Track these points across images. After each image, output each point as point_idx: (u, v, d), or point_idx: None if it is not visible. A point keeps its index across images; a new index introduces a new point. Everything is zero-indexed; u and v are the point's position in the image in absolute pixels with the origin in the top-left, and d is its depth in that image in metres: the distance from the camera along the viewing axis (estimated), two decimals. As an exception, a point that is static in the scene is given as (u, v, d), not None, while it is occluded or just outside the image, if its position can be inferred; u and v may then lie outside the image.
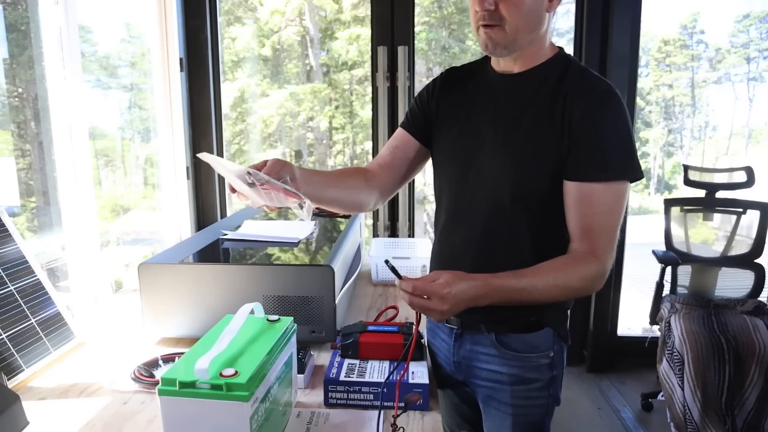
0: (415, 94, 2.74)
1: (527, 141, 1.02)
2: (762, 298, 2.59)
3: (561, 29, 3.29)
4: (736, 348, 2.25)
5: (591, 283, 0.99)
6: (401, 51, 2.63)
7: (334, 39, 4.30)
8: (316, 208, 1.01)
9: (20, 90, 2.04)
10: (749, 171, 2.56)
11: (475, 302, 0.94)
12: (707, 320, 2.39)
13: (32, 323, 1.20)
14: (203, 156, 0.97)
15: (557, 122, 0.99)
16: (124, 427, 0.96)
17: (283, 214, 1.96)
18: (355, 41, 4.17)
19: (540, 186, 1.02)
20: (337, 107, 4.38)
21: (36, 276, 1.27)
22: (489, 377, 1.15)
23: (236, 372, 0.78)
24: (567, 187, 1.01)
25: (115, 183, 2.80)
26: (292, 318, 1.01)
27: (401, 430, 0.92)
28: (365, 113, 4.30)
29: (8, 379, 1.08)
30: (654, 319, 2.58)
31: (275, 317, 1.00)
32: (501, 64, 1.09)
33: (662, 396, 2.42)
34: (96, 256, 1.73)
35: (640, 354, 2.88)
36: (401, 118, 2.67)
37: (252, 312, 0.97)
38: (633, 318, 3.10)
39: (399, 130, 1.24)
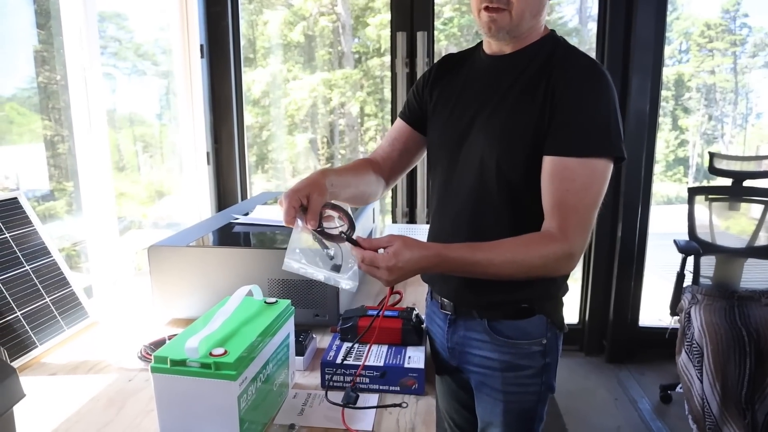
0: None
1: (510, 117, 1.02)
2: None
3: (596, 14, 3.21)
4: (758, 341, 2.19)
5: (554, 263, 0.97)
6: (420, 36, 2.60)
7: (366, 26, 4.30)
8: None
9: (51, 76, 2.10)
10: (777, 159, 2.48)
11: (425, 271, 0.95)
12: (729, 312, 2.33)
13: (47, 302, 1.25)
14: (289, 268, 0.94)
15: (540, 97, 0.98)
16: (127, 402, 0.99)
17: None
18: (386, 27, 4.16)
19: (523, 162, 1.01)
20: (369, 93, 4.38)
21: (52, 257, 1.31)
22: (481, 363, 1.15)
23: (226, 351, 0.80)
24: (544, 162, 0.98)
25: (152, 168, 2.86)
26: (289, 301, 1.03)
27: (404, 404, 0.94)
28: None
29: (22, 355, 1.13)
30: (674, 309, 2.53)
31: (273, 300, 1.02)
32: (493, 46, 1.08)
33: (681, 388, 2.38)
34: (115, 238, 1.78)
35: (661, 345, 2.83)
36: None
37: (250, 294, 0.99)
38: (660, 308, 3.04)
39: (397, 121, 1.24)
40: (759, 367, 2.19)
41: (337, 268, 0.97)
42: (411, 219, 2.80)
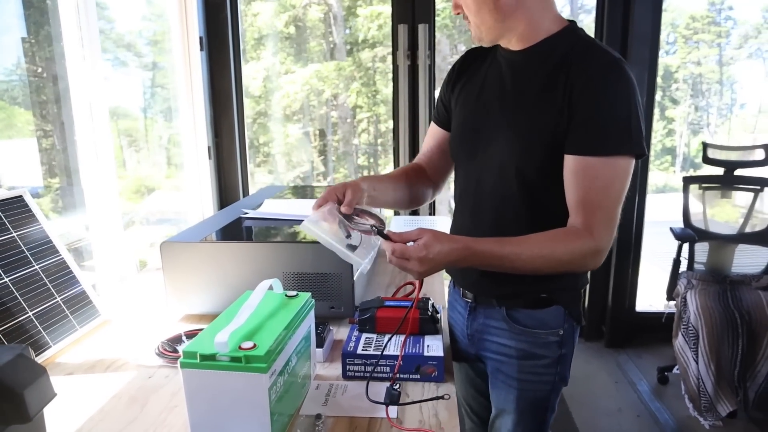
0: (436, 72, 2.73)
1: (529, 115, 1.02)
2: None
3: (588, 5, 3.24)
4: (749, 323, 2.25)
5: (581, 258, 0.98)
6: (422, 29, 2.60)
7: (356, 16, 4.26)
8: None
9: (40, 69, 2.07)
10: (767, 149, 2.54)
11: (454, 264, 0.97)
12: (722, 296, 2.39)
13: (58, 301, 1.24)
14: (305, 228, 0.98)
15: (559, 95, 0.98)
16: (149, 399, 1.00)
17: (299, 193, 1.98)
18: (376, 19, 4.13)
19: (542, 161, 1.01)
20: (362, 85, 4.36)
21: (60, 255, 1.30)
22: (498, 350, 1.17)
23: (255, 345, 0.80)
24: (566, 161, 0.99)
25: (139, 163, 2.83)
26: (309, 294, 1.03)
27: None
28: (388, 91, 4.29)
29: (36, 355, 1.12)
30: (671, 294, 2.58)
31: (293, 293, 1.03)
32: (504, 44, 1.08)
33: (677, 369, 2.43)
34: (119, 235, 1.77)
35: (658, 329, 2.89)
36: (422, 96, 2.69)
37: (271, 288, 1.00)
38: (653, 294, 3.10)
39: (431, 124, 1.29)
40: (750, 348, 2.26)
41: (352, 248, 0.99)
42: (414, 211, 2.81)
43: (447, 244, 0.93)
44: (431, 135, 1.28)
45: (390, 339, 1.10)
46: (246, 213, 1.58)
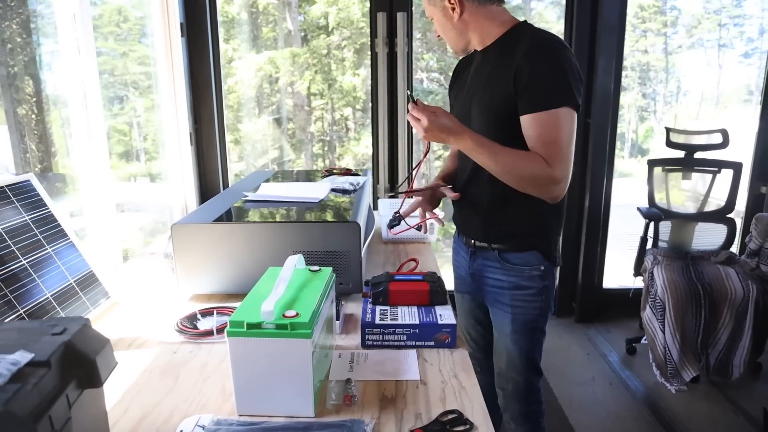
0: (413, 59, 2.78)
1: (490, 95, 1.30)
2: (733, 249, 2.78)
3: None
4: (711, 294, 2.43)
5: (541, 180, 1.22)
6: (400, 17, 2.65)
7: (312, 3, 4.23)
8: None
9: (12, 58, 2.02)
10: (724, 133, 2.72)
11: (454, 134, 1.22)
12: (686, 270, 2.56)
13: (71, 283, 1.25)
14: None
15: (509, 75, 1.24)
16: (180, 372, 1.04)
17: (288, 177, 2.01)
18: (333, 4, 4.11)
19: (505, 127, 1.27)
20: (316, 72, 4.34)
21: (69, 239, 1.31)
22: (494, 284, 1.46)
23: (297, 313, 0.86)
24: (521, 121, 1.25)
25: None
26: (331, 268, 1.09)
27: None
28: (344, 79, 4.29)
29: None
30: (638, 270, 2.74)
31: (316, 268, 1.08)
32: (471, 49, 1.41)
33: (645, 340, 2.60)
34: (115, 220, 1.77)
35: (624, 304, 3.06)
36: (400, 83, 2.75)
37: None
38: (615, 272, 3.27)
39: None
40: (712, 317, 2.44)
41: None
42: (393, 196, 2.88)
43: (452, 120, 1.22)
44: None
45: (402, 310, 1.18)
46: (246, 196, 1.62)
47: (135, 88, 3.14)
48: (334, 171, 2.06)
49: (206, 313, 1.26)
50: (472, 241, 1.48)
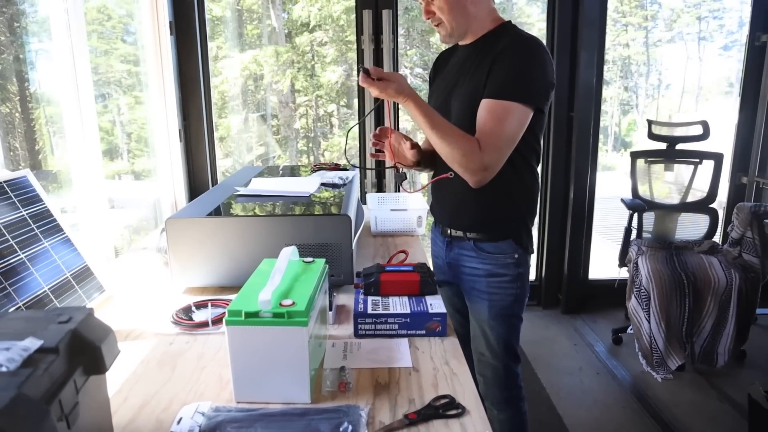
0: (398, 55, 2.82)
1: (469, 89, 1.35)
2: (716, 239, 2.85)
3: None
4: (695, 283, 2.48)
5: (469, 161, 1.28)
6: (386, 14, 2.68)
7: (295, 1, 4.23)
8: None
9: (4, 55, 2.01)
10: (705, 125, 2.78)
11: (404, 93, 1.27)
12: (670, 260, 2.62)
13: (67, 277, 1.27)
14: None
15: (485, 68, 1.30)
16: (177, 362, 1.06)
17: (274, 172, 2.03)
18: (316, 2, 4.11)
19: (470, 121, 1.32)
20: (299, 69, 4.35)
21: (65, 233, 1.33)
22: (471, 272, 1.50)
23: (293, 302, 0.88)
24: (480, 105, 1.31)
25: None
26: (324, 260, 1.12)
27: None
28: (327, 76, 4.30)
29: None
30: (623, 261, 2.80)
31: (309, 259, 1.11)
32: (461, 41, 1.44)
33: (631, 330, 2.67)
34: (107, 216, 1.78)
35: (609, 295, 3.13)
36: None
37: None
38: (600, 263, 3.33)
39: None
40: (696, 306, 2.50)
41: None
42: (379, 189, 2.92)
43: (405, 85, 1.28)
44: None
45: (393, 300, 1.21)
46: (238, 191, 1.64)
47: (118, 86, 3.13)
48: (323, 166, 2.08)
49: (201, 305, 1.28)
50: (448, 230, 1.53)
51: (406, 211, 1.89)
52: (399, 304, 1.19)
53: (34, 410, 0.55)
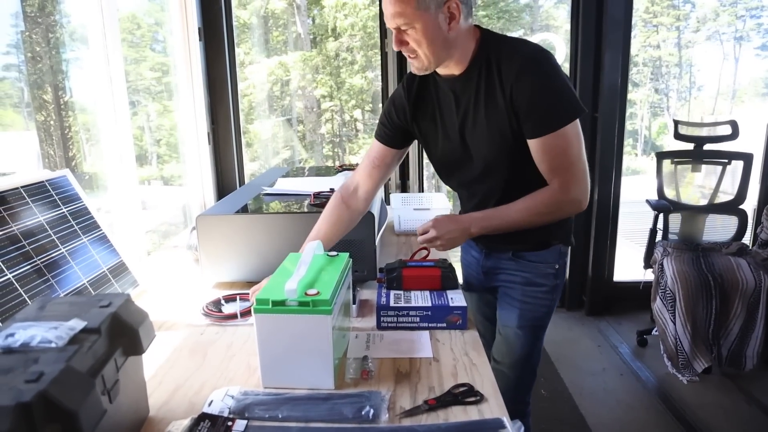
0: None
1: (487, 124, 1.21)
2: (745, 240, 2.80)
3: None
4: (722, 285, 2.45)
5: (557, 208, 1.23)
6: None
7: (321, 7, 4.27)
8: None
9: (40, 65, 2.11)
10: (734, 124, 2.73)
11: (466, 233, 1.24)
12: (696, 261, 2.59)
13: (104, 271, 1.34)
14: None
15: (500, 98, 1.17)
16: (208, 351, 1.11)
17: (300, 173, 2.08)
18: (341, 9, 4.15)
19: (514, 148, 1.21)
20: (327, 74, 4.39)
21: (101, 230, 1.40)
22: (507, 279, 1.41)
23: (318, 292, 0.93)
24: (530, 144, 1.19)
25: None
26: (348, 254, 1.16)
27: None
28: (353, 81, 4.35)
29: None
30: (648, 262, 2.77)
31: (334, 253, 1.15)
32: (441, 70, 1.23)
33: (656, 331, 2.64)
34: (139, 216, 1.86)
35: (634, 297, 3.09)
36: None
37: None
38: (625, 266, 3.30)
39: (375, 143, 1.40)
40: (723, 308, 2.46)
41: None
42: (403, 189, 2.95)
43: (453, 224, 1.23)
44: (376, 152, 1.38)
45: (415, 294, 1.24)
46: (264, 190, 1.69)
47: (147, 94, 3.24)
48: (349, 167, 2.13)
49: (229, 299, 1.34)
50: (485, 248, 1.44)
51: (429, 210, 1.93)
52: (420, 298, 1.23)
53: (82, 382, 0.60)
